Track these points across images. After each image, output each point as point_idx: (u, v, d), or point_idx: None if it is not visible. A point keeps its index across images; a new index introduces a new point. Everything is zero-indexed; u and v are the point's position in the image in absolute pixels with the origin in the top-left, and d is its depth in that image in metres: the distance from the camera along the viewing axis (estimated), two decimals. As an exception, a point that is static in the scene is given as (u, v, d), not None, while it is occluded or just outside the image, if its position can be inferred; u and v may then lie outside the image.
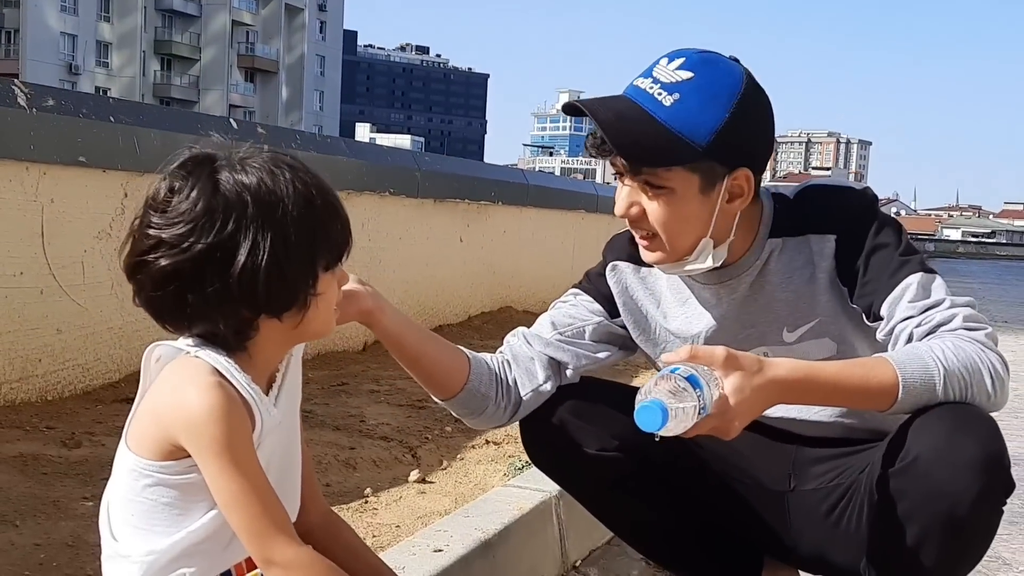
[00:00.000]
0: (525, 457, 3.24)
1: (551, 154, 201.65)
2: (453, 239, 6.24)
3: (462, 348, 1.83)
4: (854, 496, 1.71)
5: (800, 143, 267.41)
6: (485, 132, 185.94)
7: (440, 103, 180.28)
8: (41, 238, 3.41)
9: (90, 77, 60.93)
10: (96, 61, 61.89)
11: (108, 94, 60.85)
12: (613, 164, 1.65)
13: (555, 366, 1.83)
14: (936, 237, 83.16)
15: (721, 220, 1.63)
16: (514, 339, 1.87)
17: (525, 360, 1.83)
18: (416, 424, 3.66)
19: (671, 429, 1.37)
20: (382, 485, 2.91)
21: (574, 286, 1.92)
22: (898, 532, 1.51)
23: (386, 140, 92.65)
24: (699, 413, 1.40)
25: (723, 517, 1.88)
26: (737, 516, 1.86)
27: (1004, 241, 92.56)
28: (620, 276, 1.84)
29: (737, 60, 1.65)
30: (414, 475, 3.01)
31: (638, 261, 1.78)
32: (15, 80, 3.35)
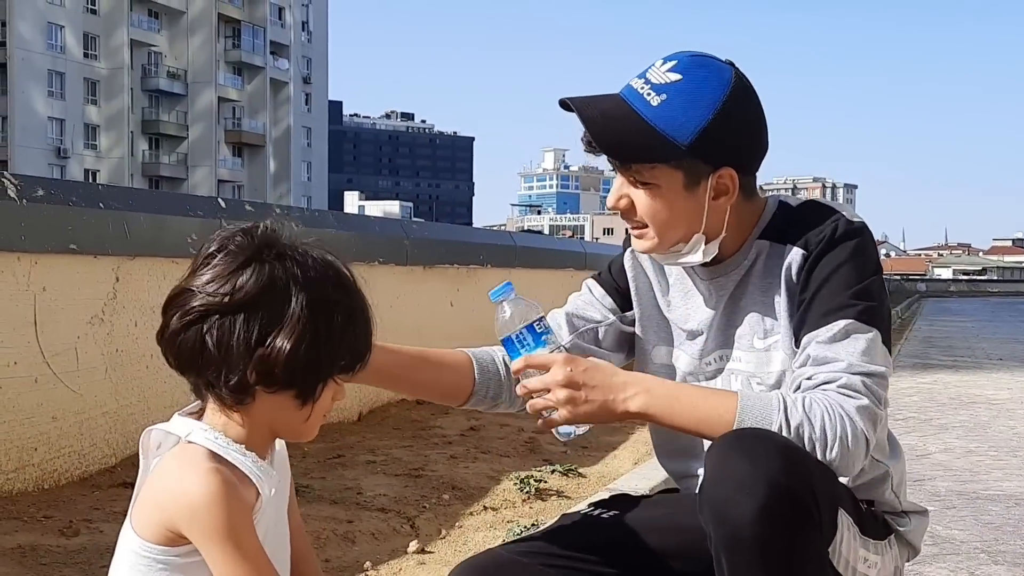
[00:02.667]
0: (524, 521, 3.26)
1: (539, 212, 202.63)
2: (443, 304, 6.28)
3: (463, 352, 1.85)
4: None
5: (786, 189, 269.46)
6: (473, 194, 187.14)
7: (427, 168, 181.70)
8: (34, 326, 3.44)
9: (79, 160, 61.35)
10: (84, 143, 62.35)
11: (97, 175, 61.54)
12: (608, 159, 1.71)
13: None
14: (927, 277, 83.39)
15: (711, 217, 1.68)
16: None
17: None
18: (414, 493, 3.66)
19: (513, 317, 1.61)
20: (381, 558, 2.90)
21: (592, 276, 1.97)
22: (717, 565, 1.50)
23: (375, 207, 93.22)
24: (533, 327, 1.60)
25: None
26: None
27: (995, 278, 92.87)
28: (637, 261, 1.88)
29: (732, 63, 1.70)
30: (413, 546, 3.01)
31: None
32: (4, 173, 3.40)
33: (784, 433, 1.52)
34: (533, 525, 3.19)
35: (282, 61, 74.93)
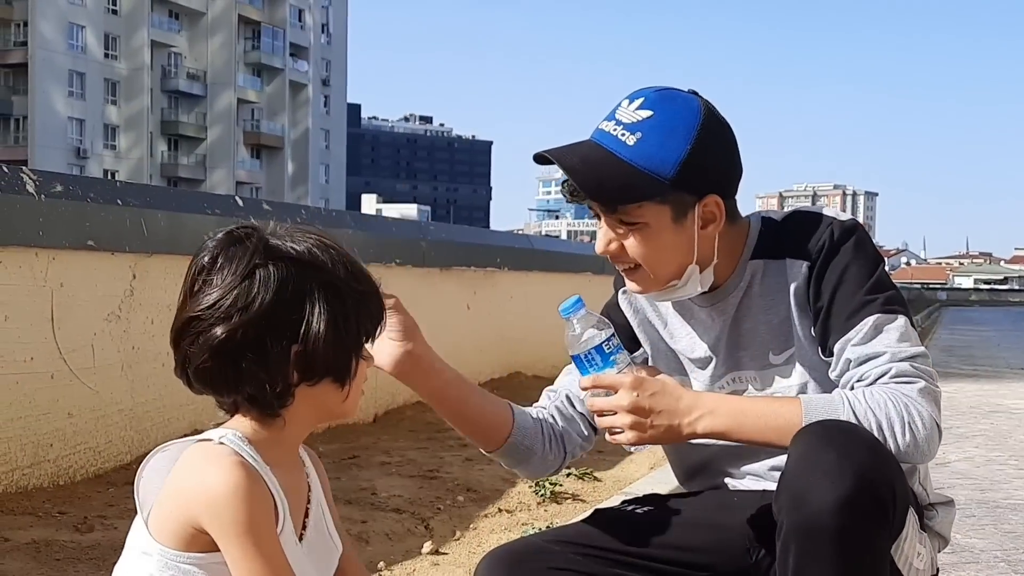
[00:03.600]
0: (539, 524, 3.23)
1: (557, 217, 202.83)
2: (460, 306, 6.27)
3: (506, 401, 1.86)
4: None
5: (806, 197, 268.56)
6: (490, 198, 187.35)
7: (445, 171, 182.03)
8: (51, 323, 3.45)
9: (98, 160, 61.74)
10: (104, 144, 62.74)
11: (116, 176, 61.93)
12: (590, 207, 1.71)
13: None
14: (948, 286, 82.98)
15: (701, 245, 1.69)
16: (553, 397, 1.91)
17: (568, 419, 1.88)
18: (428, 495, 3.64)
19: (583, 334, 1.61)
20: (395, 558, 2.89)
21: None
22: (782, 554, 1.50)
23: (392, 210, 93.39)
24: (602, 348, 1.60)
25: None
26: None
27: (1017, 287, 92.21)
28: (632, 299, 1.88)
29: (696, 93, 1.71)
30: (427, 547, 2.99)
31: None
32: (23, 168, 3.41)
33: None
34: (548, 527, 3.16)
35: (301, 63, 75.25)
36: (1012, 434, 6.25)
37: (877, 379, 1.59)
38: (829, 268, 1.66)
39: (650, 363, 1.88)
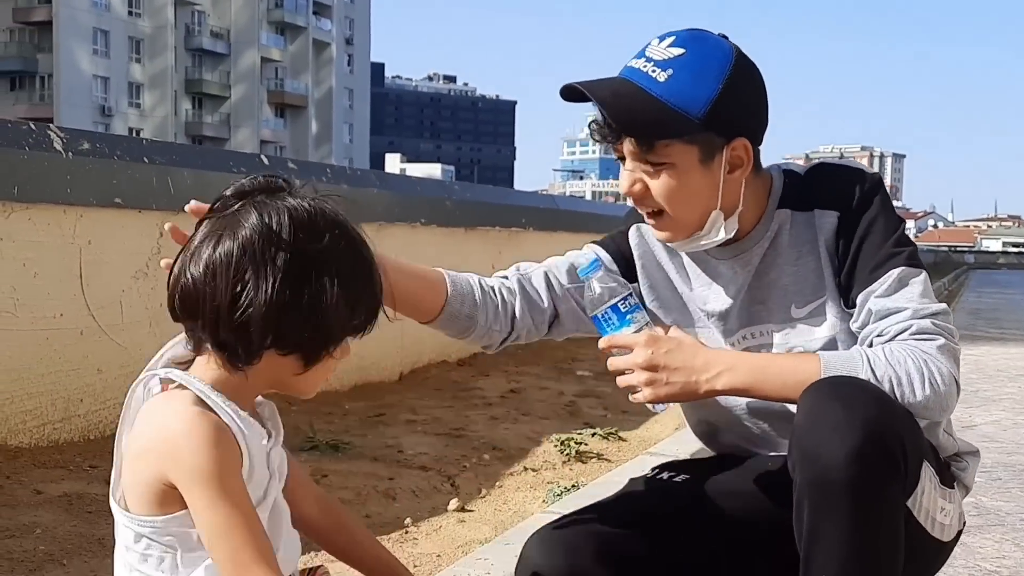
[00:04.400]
0: (564, 483, 3.25)
1: (581, 178, 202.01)
2: (485, 266, 6.25)
3: (441, 272, 1.80)
4: None
5: (834, 158, 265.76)
6: (515, 159, 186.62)
7: (469, 131, 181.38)
8: (80, 279, 3.47)
9: (123, 118, 61.90)
10: (128, 102, 62.86)
11: (141, 134, 62.08)
12: (615, 149, 1.67)
13: (554, 314, 1.84)
14: (975, 248, 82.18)
15: (727, 191, 1.66)
16: (520, 272, 1.86)
17: (528, 297, 1.82)
18: (454, 453, 3.66)
19: (601, 295, 1.62)
20: (422, 515, 2.91)
21: (593, 241, 1.91)
22: (797, 511, 1.50)
23: (416, 170, 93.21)
24: (617, 307, 1.61)
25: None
26: (759, 569, 1.82)
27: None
28: (644, 238, 1.84)
29: (726, 37, 1.68)
30: (453, 504, 3.01)
31: None
32: (51, 125, 3.42)
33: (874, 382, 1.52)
34: (574, 487, 3.17)
35: (325, 21, 74.90)
36: (1040, 398, 6.20)
37: (897, 335, 1.58)
38: (858, 217, 1.66)
39: (650, 304, 1.84)
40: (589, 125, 1.68)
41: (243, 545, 1.17)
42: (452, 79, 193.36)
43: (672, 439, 3.85)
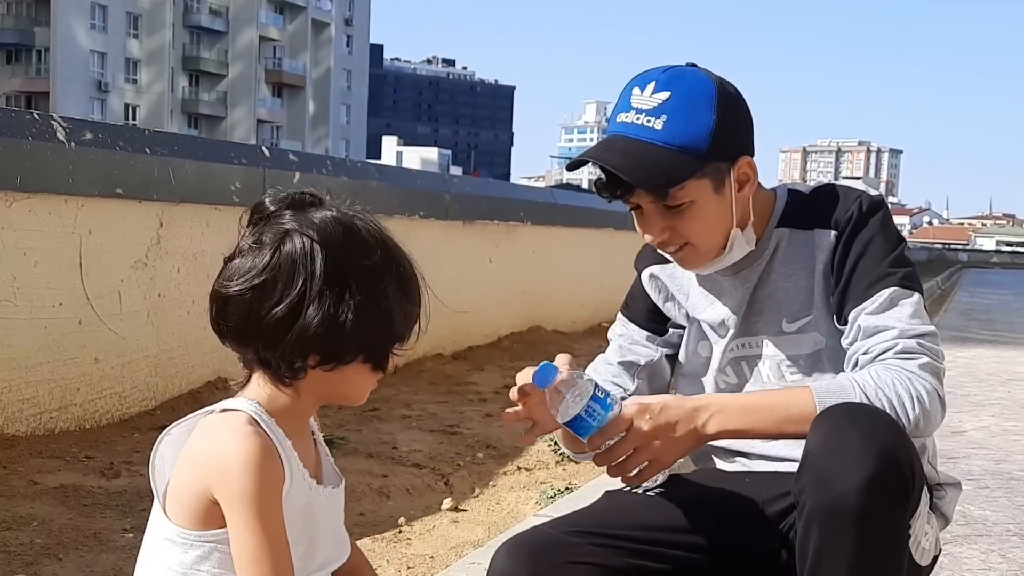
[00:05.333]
0: (557, 483, 3.27)
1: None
2: (482, 260, 6.28)
3: None
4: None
5: (830, 152, 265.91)
6: (512, 144, 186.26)
7: (467, 115, 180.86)
8: (79, 269, 3.48)
9: (119, 94, 61.63)
10: (125, 78, 62.54)
11: (137, 110, 61.76)
12: (627, 202, 1.71)
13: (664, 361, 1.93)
14: (969, 247, 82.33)
15: (740, 207, 1.72)
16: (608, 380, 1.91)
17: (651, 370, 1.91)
18: (448, 450, 3.68)
19: (573, 396, 1.51)
20: (416, 514, 2.93)
21: (620, 313, 1.97)
22: (803, 535, 1.51)
23: (413, 153, 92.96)
24: (597, 397, 1.52)
25: None
26: None
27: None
28: (656, 280, 1.91)
29: (694, 64, 1.74)
30: (447, 503, 3.03)
31: (666, 260, 1.85)
32: (54, 115, 3.42)
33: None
34: (567, 489, 3.20)
35: (324, 1, 74.57)
36: (1029, 404, 6.23)
37: (881, 354, 1.61)
38: (856, 238, 1.69)
39: (683, 337, 1.90)
40: (594, 183, 1.71)
41: (271, 572, 1.21)
42: (451, 63, 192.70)
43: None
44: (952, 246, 67.88)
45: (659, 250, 1.76)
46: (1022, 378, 7.44)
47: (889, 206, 1.78)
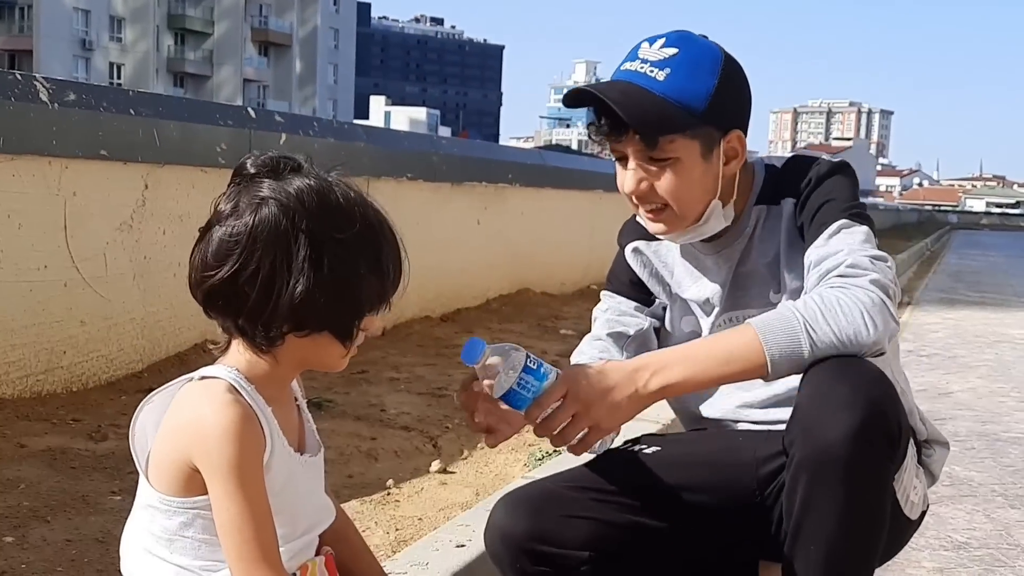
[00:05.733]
0: (545, 447, 3.28)
1: (568, 126, 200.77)
2: (471, 222, 6.25)
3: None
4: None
5: (821, 114, 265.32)
6: (501, 104, 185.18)
7: (455, 75, 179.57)
8: (64, 231, 3.45)
9: (104, 52, 60.92)
10: (109, 36, 61.78)
11: (122, 69, 61.08)
12: (614, 149, 1.72)
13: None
14: (959, 208, 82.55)
15: (724, 182, 1.74)
16: (600, 347, 1.91)
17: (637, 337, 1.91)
18: (436, 413, 3.69)
19: (506, 368, 1.46)
20: (404, 476, 2.94)
21: (604, 290, 1.98)
22: (791, 485, 1.53)
23: (401, 113, 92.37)
24: (528, 368, 1.46)
25: (704, 547, 1.88)
26: (718, 539, 1.86)
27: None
28: (640, 255, 1.92)
29: (706, 37, 1.75)
30: (435, 465, 3.04)
31: (650, 237, 1.87)
32: (36, 76, 3.37)
33: (814, 337, 1.52)
34: (555, 451, 3.21)
35: (312, -41, 73.68)
36: (1016, 365, 6.28)
37: (829, 272, 1.59)
38: (811, 198, 1.72)
39: (666, 311, 1.92)
40: (588, 126, 1.72)
41: (253, 540, 1.22)
42: (439, 21, 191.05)
43: (656, 405, 3.89)
44: (942, 207, 68.00)
45: (636, 211, 1.77)
46: (1009, 340, 7.50)
47: (856, 172, 1.79)
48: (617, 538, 1.73)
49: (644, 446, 1.85)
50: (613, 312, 1.92)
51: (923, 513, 1.79)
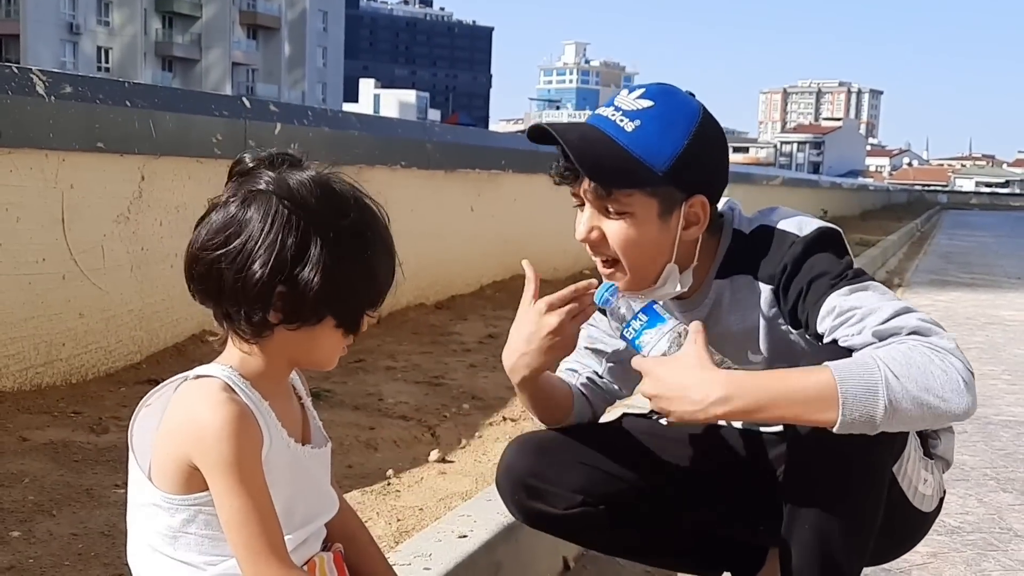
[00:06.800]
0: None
1: (558, 108, 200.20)
2: (464, 209, 6.27)
3: (570, 396, 1.93)
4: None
5: (810, 94, 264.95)
6: (490, 86, 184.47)
7: (445, 57, 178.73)
8: (62, 224, 3.46)
9: (91, 36, 60.48)
10: (97, 20, 61.32)
11: (110, 53, 60.59)
12: (574, 194, 1.68)
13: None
14: (948, 188, 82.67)
15: (682, 246, 1.69)
16: (577, 376, 1.97)
17: (595, 394, 1.97)
18: (434, 402, 3.71)
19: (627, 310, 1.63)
20: (403, 466, 2.96)
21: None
22: (788, 469, 1.62)
23: (391, 95, 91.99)
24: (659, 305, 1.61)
25: (715, 524, 1.96)
26: (729, 518, 1.93)
27: (1018, 191, 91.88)
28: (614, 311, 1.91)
29: (693, 95, 1.71)
30: (434, 455, 3.06)
31: None
32: (33, 69, 3.37)
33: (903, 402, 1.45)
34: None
35: (299, -59, 73.17)
36: (1006, 347, 6.32)
37: (892, 334, 1.51)
38: (792, 285, 1.64)
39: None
40: (551, 165, 1.68)
41: (258, 534, 1.24)
42: (428, 3, 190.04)
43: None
44: (932, 187, 68.12)
45: (592, 255, 1.73)
46: (1000, 322, 7.54)
47: (839, 230, 1.69)
48: (613, 490, 1.82)
49: (659, 416, 1.91)
50: (588, 336, 1.94)
51: (940, 503, 1.83)
